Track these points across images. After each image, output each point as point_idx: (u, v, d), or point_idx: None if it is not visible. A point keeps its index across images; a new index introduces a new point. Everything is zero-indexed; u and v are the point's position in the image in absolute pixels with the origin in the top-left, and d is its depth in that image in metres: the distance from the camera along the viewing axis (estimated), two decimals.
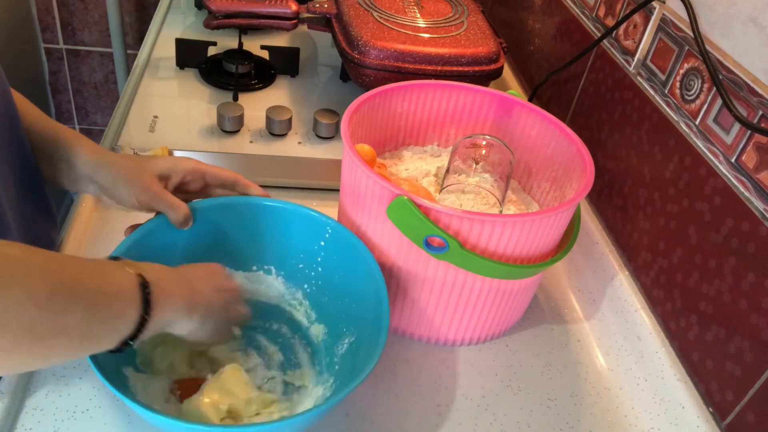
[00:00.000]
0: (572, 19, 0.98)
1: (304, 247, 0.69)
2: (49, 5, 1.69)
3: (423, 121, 0.83)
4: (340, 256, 0.67)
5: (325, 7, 0.99)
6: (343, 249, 0.67)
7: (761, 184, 0.59)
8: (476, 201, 0.74)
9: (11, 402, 0.59)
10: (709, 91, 0.67)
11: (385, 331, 0.57)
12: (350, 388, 0.52)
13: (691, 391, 0.66)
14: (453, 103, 0.82)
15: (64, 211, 1.92)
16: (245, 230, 0.69)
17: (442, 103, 0.82)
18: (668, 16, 0.75)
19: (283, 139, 0.91)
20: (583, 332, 0.77)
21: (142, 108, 0.94)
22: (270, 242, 0.70)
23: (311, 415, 0.52)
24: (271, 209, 0.69)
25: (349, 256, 0.66)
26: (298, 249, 0.70)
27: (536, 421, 0.66)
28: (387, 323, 0.58)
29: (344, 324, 0.66)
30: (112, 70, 1.83)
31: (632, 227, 0.79)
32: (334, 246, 0.68)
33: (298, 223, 0.69)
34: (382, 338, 0.57)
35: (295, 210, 0.68)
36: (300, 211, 0.68)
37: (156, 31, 1.16)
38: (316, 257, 0.69)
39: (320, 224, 0.68)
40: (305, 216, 0.68)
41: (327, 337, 0.67)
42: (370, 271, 0.63)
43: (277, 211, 0.69)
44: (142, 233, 0.63)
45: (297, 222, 0.69)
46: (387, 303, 0.60)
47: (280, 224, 0.69)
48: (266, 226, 0.69)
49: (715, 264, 0.64)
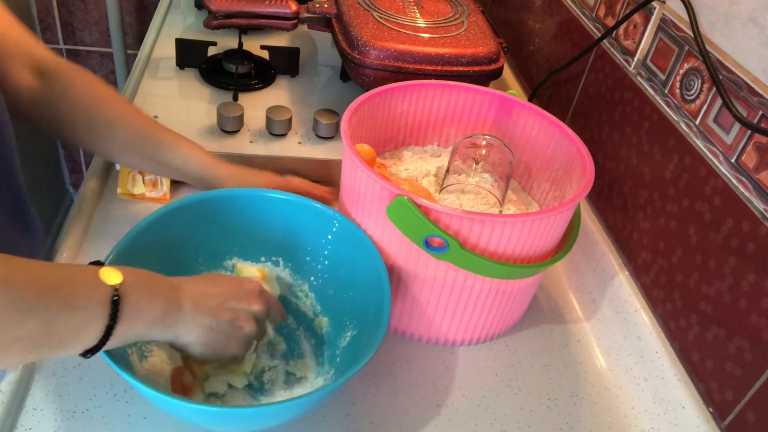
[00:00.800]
0: (572, 19, 0.98)
1: (312, 239, 0.70)
2: (49, 5, 1.68)
3: (423, 121, 0.83)
4: (347, 250, 0.68)
5: (325, 7, 0.98)
6: (350, 242, 0.67)
7: (761, 184, 0.59)
8: (476, 201, 0.74)
9: (11, 402, 0.59)
10: (709, 91, 0.67)
11: (385, 323, 0.58)
12: (348, 376, 0.53)
13: (691, 391, 0.66)
14: (453, 103, 0.82)
15: (64, 211, 1.92)
16: (253, 222, 0.70)
17: (442, 103, 0.82)
18: (668, 16, 0.75)
19: (283, 139, 0.91)
20: (583, 332, 0.77)
21: (142, 108, 0.93)
22: (278, 234, 0.70)
23: (306, 400, 0.53)
24: (280, 202, 0.69)
25: (355, 250, 0.67)
26: (306, 242, 0.70)
27: (536, 421, 0.66)
28: (388, 316, 0.59)
29: (347, 317, 0.66)
30: (112, 70, 1.82)
31: (632, 227, 0.79)
32: (341, 240, 0.68)
33: (306, 216, 0.69)
34: (382, 330, 0.57)
35: (303, 203, 0.69)
36: (308, 204, 0.69)
37: (156, 31, 1.16)
38: (323, 250, 0.70)
39: (328, 218, 0.69)
40: (313, 209, 0.69)
41: (330, 329, 0.68)
42: (374, 265, 0.64)
43: (286, 204, 0.69)
44: (149, 223, 0.63)
45: (305, 215, 0.69)
46: (389, 296, 0.61)
47: (288, 217, 0.70)
48: (275, 218, 0.70)
49: (715, 264, 0.64)
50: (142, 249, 0.61)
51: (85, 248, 0.76)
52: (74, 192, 2.01)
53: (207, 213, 0.67)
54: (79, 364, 0.64)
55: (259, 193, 0.69)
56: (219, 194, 0.69)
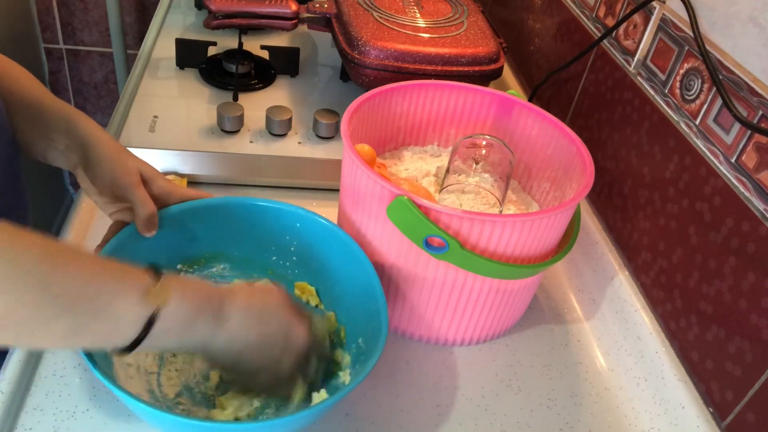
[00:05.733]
0: (572, 19, 0.98)
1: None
2: (49, 5, 1.68)
3: (423, 121, 0.83)
4: (340, 262, 0.67)
5: (325, 7, 0.98)
6: (341, 254, 0.66)
7: (761, 184, 0.59)
8: (476, 201, 0.74)
9: (11, 402, 0.59)
10: (709, 91, 0.67)
11: (384, 334, 0.57)
12: (349, 389, 0.52)
13: (691, 391, 0.66)
14: (453, 103, 0.82)
15: (64, 211, 1.92)
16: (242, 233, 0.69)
17: (442, 103, 0.82)
18: (668, 16, 0.75)
19: (283, 139, 0.91)
20: (583, 332, 0.77)
21: (142, 108, 0.94)
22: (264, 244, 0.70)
23: (309, 414, 0.52)
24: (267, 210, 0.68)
25: (347, 262, 0.66)
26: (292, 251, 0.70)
27: (536, 421, 0.66)
28: (386, 327, 0.58)
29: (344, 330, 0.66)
30: (112, 70, 1.83)
31: (632, 227, 0.79)
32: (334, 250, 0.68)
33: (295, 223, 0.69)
34: (381, 341, 0.56)
35: (292, 211, 0.68)
36: (297, 212, 0.68)
37: (156, 31, 1.16)
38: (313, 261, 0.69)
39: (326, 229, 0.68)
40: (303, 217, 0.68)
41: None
42: (368, 278, 0.63)
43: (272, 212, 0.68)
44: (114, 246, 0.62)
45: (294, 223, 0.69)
46: (386, 308, 0.60)
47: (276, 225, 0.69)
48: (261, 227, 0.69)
49: (715, 264, 0.64)
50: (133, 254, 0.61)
51: (85, 248, 0.76)
52: (74, 192, 2.01)
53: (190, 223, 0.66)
54: (79, 364, 0.64)
55: (244, 201, 0.68)
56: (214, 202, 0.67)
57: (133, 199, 0.62)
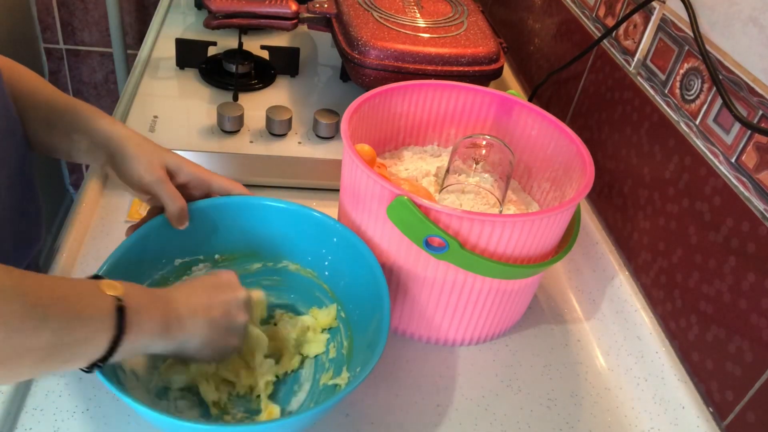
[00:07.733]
0: (572, 19, 0.98)
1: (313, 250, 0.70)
2: (49, 5, 1.68)
3: (423, 121, 0.83)
4: (346, 261, 0.67)
5: (325, 7, 0.98)
6: (349, 253, 0.67)
7: (761, 184, 0.59)
8: (476, 201, 0.74)
9: (11, 402, 0.59)
10: (709, 91, 0.67)
11: (385, 334, 0.57)
12: (349, 389, 0.52)
13: (691, 391, 0.66)
14: (453, 103, 0.82)
15: (64, 211, 1.92)
16: (250, 232, 0.69)
17: (442, 103, 0.82)
18: (668, 16, 0.75)
19: (283, 139, 0.91)
20: (583, 332, 0.77)
21: (142, 108, 0.94)
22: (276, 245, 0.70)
23: (309, 415, 0.52)
24: (279, 211, 0.69)
25: (354, 261, 0.66)
26: (307, 252, 0.70)
27: (536, 421, 0.66)
28: (387, 326, 0.58)
29: (346, 328, 0.66)
30: (112, 70, 1.83)
31: (632, 227, 0.79)
32: (340, 251, 0.68)
33: (306, 225, 0.69)
34: (381, 341, 0.57)
35: (303, 212, 0.68)
36: (308, 213, 0.68)
37: (156, 31, 1.16)
38: (324, 261, 0.70)
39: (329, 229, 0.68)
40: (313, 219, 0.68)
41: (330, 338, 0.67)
42: (373, 276, 0.63)
43: (284, 213, 0.69)
44: (142, 234, 0.63)
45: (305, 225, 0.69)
46: (389, 306, 0.60)
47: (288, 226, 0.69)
48: (273, 228, 0.69)
49: (715, 264, 0.64)
50: (136, 260, 0.61)
51: (85, 248, 0.76)
52: (74, 192, 2.01)
53: (201, 222, 0.66)
54: None
55: (256, 201, 0.68)
56: (215, 202, 0.68)
57: (161, 195, 0.63)
